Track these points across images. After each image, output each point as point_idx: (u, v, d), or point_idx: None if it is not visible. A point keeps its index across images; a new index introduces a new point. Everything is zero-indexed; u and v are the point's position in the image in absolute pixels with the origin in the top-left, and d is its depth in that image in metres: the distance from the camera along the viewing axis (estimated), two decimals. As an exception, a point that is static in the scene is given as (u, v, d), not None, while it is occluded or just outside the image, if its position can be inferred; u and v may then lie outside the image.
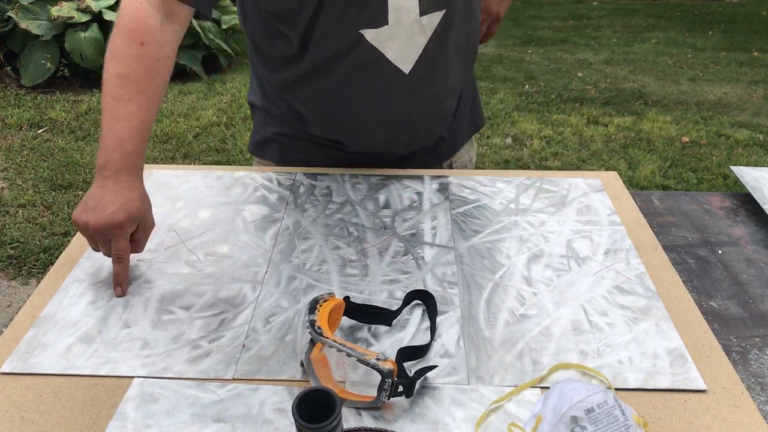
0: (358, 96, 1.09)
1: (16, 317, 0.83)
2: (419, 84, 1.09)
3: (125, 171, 0.87)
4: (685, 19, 6.50)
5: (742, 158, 3.43)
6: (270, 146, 1.24)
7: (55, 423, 0.68)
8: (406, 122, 1.14)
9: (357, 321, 0.81)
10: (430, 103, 1.14)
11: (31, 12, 4.10)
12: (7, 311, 2.29)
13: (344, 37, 1.01)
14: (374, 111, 1.11)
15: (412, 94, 1.10)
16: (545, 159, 3.43)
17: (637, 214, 1.05)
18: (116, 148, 0.87)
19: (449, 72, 1.13)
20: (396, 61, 1.04)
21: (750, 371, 0.79)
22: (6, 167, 3.21)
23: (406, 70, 1.05)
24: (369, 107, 1.10)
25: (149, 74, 0.90)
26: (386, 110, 1.11)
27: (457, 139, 1.28)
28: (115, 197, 0.86)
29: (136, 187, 0.89)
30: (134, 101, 0.89)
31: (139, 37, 0.90)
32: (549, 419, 0.64)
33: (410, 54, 1.04)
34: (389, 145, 1.18)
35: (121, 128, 0.88)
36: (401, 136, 1.17)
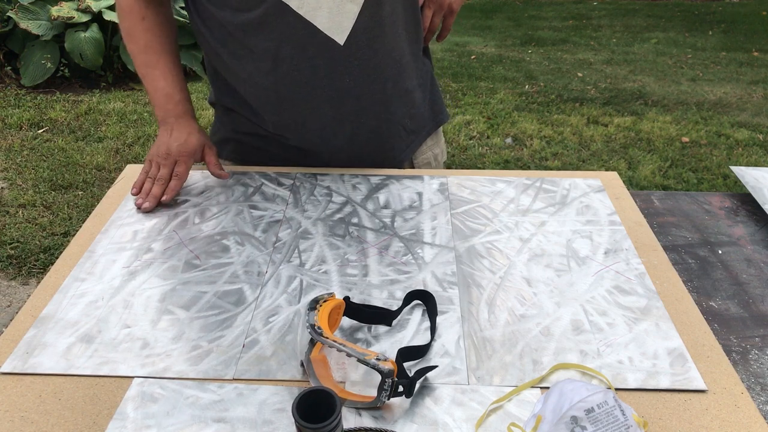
0: (296, 72, 1.06)
1: (16, 317, 0.83)
2: (358, 56, 1.06)
3: (182, 116, 1.12)
4: (685, 19, 6.50)
5: (742, 158, 3.44)
6: (227, 146, 1.25)
7: (55, 423, 0.68)
8: (351, 98, 1.10)
9: (357, 321, 0.81)
10: (375, 78, 1.10)
11: (31, 12, 4.10)
12: (7, 311, 2.29)
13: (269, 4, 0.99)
14: (315, 87, 1.08)
15: (351, 67, 1.07)
16: (545, 159, 3.43)
17: (637, 214, 1.05)
18: (167, 101, 1.11)
19: (392, 45, 1.09)
20: (328, 31, 1.02)
21: (750, 371, 0.79)
22: (6, 167, 3.21)
23: (341, 41, 1.03)
24: (309, 83, 1.07)
25: (161, 38, 1.12)
26: (327, 85, 1.08)
27: (419, 132, 1.23)
28: (179, 134, 1.10)
29: (193, 126, 1.13)
30: (161, 62, 1.11)
31: (139, 14, 1.10)
32: (549, 419, 0.64)
33: (342, 23, 1.02)
34: (338, 123, 1.13)
35: (163, 85, 1.11)
36: (348, 113, 1.12)
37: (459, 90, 4.43)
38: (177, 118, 1.11)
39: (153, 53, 1.11)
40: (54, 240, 2.64)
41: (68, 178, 3.11)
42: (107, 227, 1.01)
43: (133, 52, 1.12)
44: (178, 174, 1.09)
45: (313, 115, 1.12)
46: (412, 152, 1.24)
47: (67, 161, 3.27)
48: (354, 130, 1.15)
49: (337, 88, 1.08)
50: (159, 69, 1.11)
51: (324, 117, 1.12)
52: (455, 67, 4.96)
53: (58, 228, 2.72)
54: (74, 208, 2.88)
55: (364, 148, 1.18)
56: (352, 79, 1.08)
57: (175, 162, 1.09)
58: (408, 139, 1.22)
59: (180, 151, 1.09)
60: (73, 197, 2.97)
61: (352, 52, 1.05)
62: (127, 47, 1.13)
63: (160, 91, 1.11)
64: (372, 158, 1.19)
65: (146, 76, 1.12)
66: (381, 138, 1.18)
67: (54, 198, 2.95)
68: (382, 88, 1.12)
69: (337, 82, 1.07)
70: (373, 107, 1.13)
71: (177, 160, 1.09)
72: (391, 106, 1.15)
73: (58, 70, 4.19)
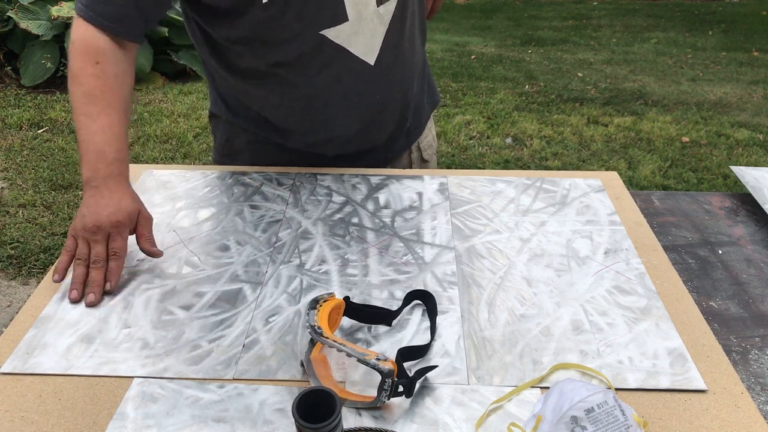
0: (329, 98, 1.10)
1: (16, 317, 0.83)
2: (386, 72, 1.10)
3: (112, 177, 0.92)
4: (685, 19, 6.50)
5: (742, 158, 3.43)
6: (240, 156, 1.24)
7: (55, 423, 0.68)
8: (378, 110, 1.15)
9: (357, 321, 0.81)
10: (398, 89, 1.16)
11: (31, 12, 4.10)
12: (7, 311, 2.29)
13: (306, 40, 1.01)
14: (346, 108, 1.12)
15: (380, 84, 1.11)
16: (545, 159, 3.43)
17: (637, 214, 1.05)
18: (98, 159, 0.92)
19: (410, 55, 1.15)
20: (362, 54, 1.05)
21: (750, 371, 0.79)
22: (6, 167, 3.21)
23: (371, 62, 1.07)
24: (341, 105, 1.11)
25: (111, 89, 0.96)
26: (358, 101, 1.12)
27: (421, 119, 1.30)
28: (110, 200, 0.91)
29: (126, 189, 0.93)
30: (103, 115, 0.94)
31: (94, 57, 0.95)
32: (549, 419, 0.64)
33: (373, 45, 1.06)
34: (363, 133, 1.18)
35: (99, 141, 0.93)
36: (374, 124, 1.17)
37: (459, 90, 4.43)
38: (105, 179, 0.92)
39: (97, 104, 0.94)
40: (54, 240, 2.64)
41: (68, 178, 3.11)
42: (107, 227, 1.01)
43: (74, 95, 0.95)
44: (116, 252, 0.89)
45: (340, 129, 1.16)
46: (417, 137, 1.30)
47: (67, 161, 3.27)
48: (376, 135, 1.20)
49: (367, 103, 1.13)
50: (98, 123, 0.93)
51: (350, 130, 1.16)
52: (455, 67, 4.96)
53: (58, 228, 2.72)
54: (74, 208, 2.87)
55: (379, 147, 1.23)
56: (381, 93, 1.13)
57: (108, 236, 0.89)
58: (414, 131, 1.29)
59: (112, 222, 0.89)
60: (73, 197, 2.96)
61: (382, 70, 1.09)
62: (69, 88, 0.96)
63: (93, 146, 0.93)
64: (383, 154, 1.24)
65: (81, 127, 0.94)
66: (394, 136, 1.24)
67: (54, 198, 2.95)
68: (404, 97, 1.19)
69: (368, 98, 1.12)
70: (394, 114, 1.19)
71: (110, 233, 0.89)
72: (407, 108, 1.22)
73: (58, 70, 4.19)
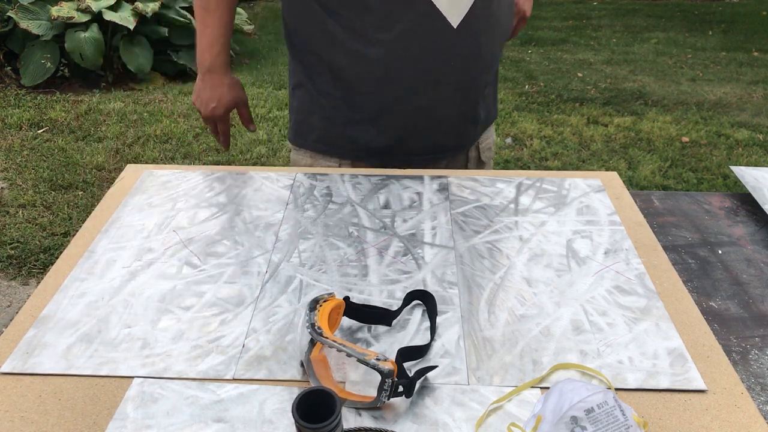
0: (405, 48, 1.09)
1: (16, 317, 0.83)
2: (466, 43, 1.10)
3: (216, 69, 1.21)
4: (685, 19, 6.50)
5: (742, 158, 3.43)
6: (311, 136, 1.25)
7: (55, 423, 0.68)
8: (450, 84, 1.14)
9: (357, 321, 0.81)
10: (470, 65, 1.15)
11: (31, 12, 4.10)
12: (7, 311, 2.29)
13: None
14: (419, 67, 1.11)
15: (457, 53, 1.11)
16: (545, 159, 3.43)
17: (637, 214, 1.05)
18: (207, 49, 1.20)
19: (491, 37, 1.14)
20: (445, 11, 1.06)
21: (750, 371, 0.79)
22: (6, 167, 3.21)
23: (455, 24, 1.07)
24: (415, 61, 1.10)
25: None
26: (431, 66, 1.11)
27: (490, 111, 1.30)
28: (212, 93, 1.22)
29: (225, 80, 1.23)
30: (218, 10, 1.18)
31: None
32: (549, 419, 0.64)
33: (460, 7, 1.06)
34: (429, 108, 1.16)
35: (210, 33, 1.19)
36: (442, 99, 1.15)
37: (459, 90, 4.43)
38: (209, 70, 1.21)
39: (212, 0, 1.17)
40: (54, 240, 2.64)
41: (68, 178, 3.11)
42: (107, 227, 1.01)
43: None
44: (222, 131, 1.27)
45: (409, 96, 1.14)
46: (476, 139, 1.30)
47: (67, 161, 3.27)
48: (442, 113, 1.18)
49: (439, 70, 1.12)
50: (213, 16, 1.18)
51: (420, 100, 1.15)
52: (455, 67, 4.95)
53: (58, 228, 2.72)
54: (74, 208, 2.88)
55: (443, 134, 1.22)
56: (456, 64, 1.12)
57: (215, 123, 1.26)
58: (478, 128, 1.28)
59: (215, 115, 1.24)
60: (73, 197, 2.96)
61: (461, 39, 1.09)
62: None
63: (206, 38, 1.19)
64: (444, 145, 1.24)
65: (200, 19, 1.19)
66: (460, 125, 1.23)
67: (54, 198, 2.95)
68: (478, 78, 1.18)
69: (441, 64, 1.11)
70: (465, 94, 1.18)
71: (216, 122, 1.25)
72: (479, 95, 1.21)
73: (58, 70, 4.19)
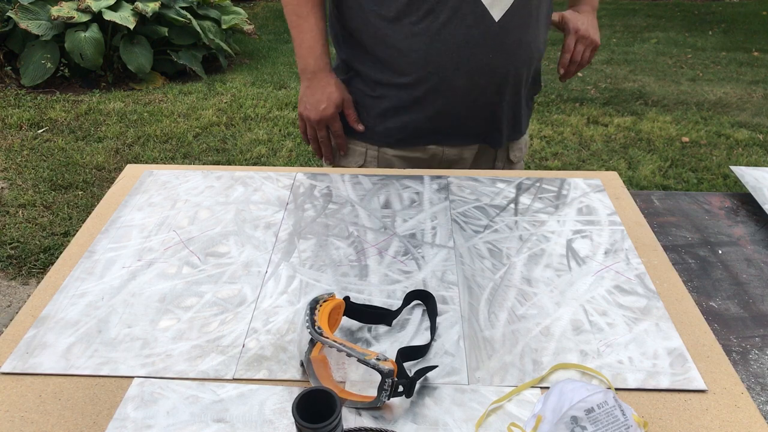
0: (447, 35, 1.11)
1: (16, 317, 0.83)
2: (507, 38, 1.12)
3: (320, 70, 1.21)
4: (685, 19, 6.50)
5: (742, 158, 3.44)
6: None
7: (55, 423, 0.68)
8: (487, 73, 1.15)
9: (357, 321, 0.81)
10: (513, 63, 1.16)
11: (31, 12, 4.10)
12: (7, 311, 2.29)
13: None
14: (459, 55, 1.13)
15: (497, 46, 1.12)
16: (545, 159, 3.43)
17: (637, 214, 1.05)
18: (309, 53, 1.20)
19: (535, 34, 1.16)
20: (488, 3, 1.08)
21: (750, 371, 0.79)
22: (6, 167, 3.21)
23: (496, 17, 1.09)
24: (456, 49, 1.12)
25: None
26: (471, 56, 1.13)
27: (522, 124, 1.31)
28: (321, 95, 1.21)
29: (331, 81, 1.22)
30: (312, 15, 1.19)
31: None
32: (549, 419, 0.64)
33: (503, 1, 1.08)
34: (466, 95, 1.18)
35: (309, 38, 1.20)
36: (479, 89, 1.17)
37: (459, 90, 4.43)
38: (315, 72, 1.21)
39: (306, 5, 1.18)
40: (54, 240, 2.64)
41: (68, 178, 3.11)
42: (107, 227, 1.01)
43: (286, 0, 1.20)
44: (336, 132, 1.25)
45: (446, 82, 1.16)
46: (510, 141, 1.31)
47: (67, 161, 3.27)
48: (477, 104, 1.20)
49: (479, 61, 1.13)
50: (308, 22, 1.18)
51: (456, 88, 1.16)
52: (455, 67, 4.95)
53: (58, 228, 2.72)
54: (74, 208, 2.88)
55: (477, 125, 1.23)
56: (495, 58, 1.13)
57: (326, 126, 1.24)
58: (511, 128, 1.29)
59: (327, 115, 1.22)
60: (73, 197, 2.96)
61: (502, 32, 1.11)
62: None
63: (304, 42, 1.20)
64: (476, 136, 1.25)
65: (295, 26, 1.20)
66: (494, 121, 1.24)
67: (54, 198, 2.95)
68: (516, 75, 1.19)
69: (481, 55, 1.13)
70: (502, 90, 1.19)
71: (327, 124, 1.24)
72: (516, 93, 1.23)
73: (58, 70, 4.19)
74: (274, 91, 4.31)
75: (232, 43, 4.95)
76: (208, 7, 4.76)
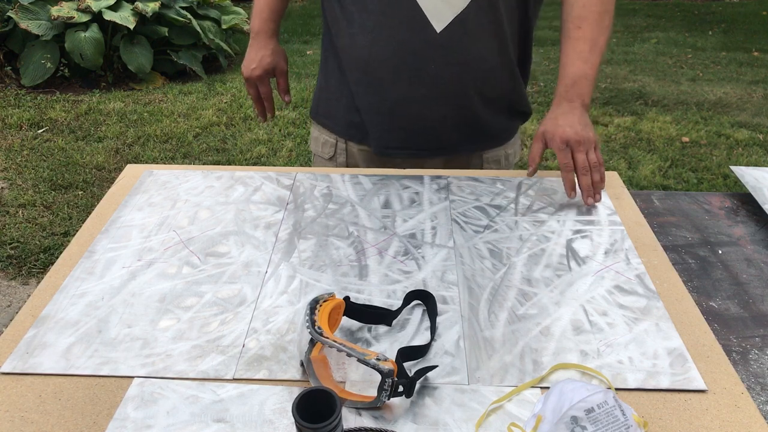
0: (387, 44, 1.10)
1: (16, 317, 0.83)
2: (450, 50, 1.09)
3: (262, 33, 1.28)
4: (685, 19, 6.50)
5: (742, 158, 3.43)
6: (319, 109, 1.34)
7: (55, 423, 0.68)
8: (432, 83, 1.13)
9: (357, 321, 0.81)
10: (458, 76, 1.13)
11: (31, 12, 4.10)
12: (7, 311, 2.29)
13: None
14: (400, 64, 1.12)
15: (439, 58, 1.10)
16: (545, 159, 3.43)
17: (637, 214, 1.05)
18: (257, 15, 1.28)
19: (485, 52, 1.12)
20: (429, 13, 1.06)
21: (750, 371, 0.79)
22: (6, 167, 3.21)
23: (438, 29, 1.07)
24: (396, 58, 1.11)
25: None
26: (413, 66, 1.11)
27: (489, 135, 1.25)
28: (255, 55, 1.28)
29: (269, 45, 1.29)
30: None
31: None
32: (549, 419, 0.64)
33: (445, 13, 1.06)
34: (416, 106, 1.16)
35: (261, 2, 1.28)
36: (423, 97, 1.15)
37: (459, 90, 4.43)
38: (257, 33, 1.28)
39: None
40: (54, 240, 2.64)
41: (68, 178, 3.11)
42: (107, 227, 1.01)
43: None
44: (264, 94, 1.31)
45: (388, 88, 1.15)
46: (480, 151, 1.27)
47: (67, 161, 3.27)
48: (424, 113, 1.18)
49: (419, 69, 1.12)
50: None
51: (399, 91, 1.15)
52: (455, 67, 4.95)
53: (58, 228, 2.72)
54: (74, 208, 2.88)
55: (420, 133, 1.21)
56: (437, 68, 1.12)
57: (256, 82, 1.29)
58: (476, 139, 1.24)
59: (254, 75, 1.28)
60: (73, 197, 2.96)
61: (445, 44, 1.09)
62: None
63: (257, 5, 1.28)
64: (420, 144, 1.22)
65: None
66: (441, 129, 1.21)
67: (54, 198, 2.95)
68: (463, 88, 1.15)
69: (423, 65, 1.12)
70: (446, 100, 1.17)
71: (256, 83, 1.29)
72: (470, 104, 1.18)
73: (58, 70, 4.19)
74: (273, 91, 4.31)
75: (232, 43, 4.95)
76: (208, 7, 4.76)
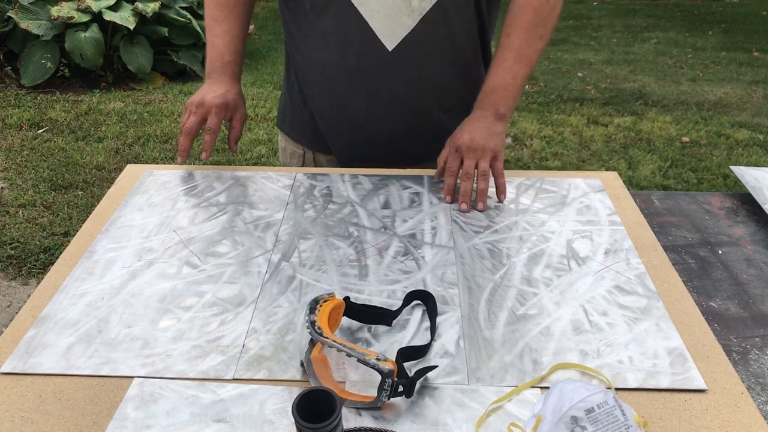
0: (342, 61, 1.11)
1: (16, 317, 0.83)
2: (403, 67, 1.10)
3: (226, 75, 1.17)
4: (685, 19, 6.50)
5: (742, 158, 3.44)
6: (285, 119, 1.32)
7: (55, 423, 0.68)
8: (389, 99, 1.14)
9: (357, 321, 0.81)
10: (413, 91, 1.14)
11: (31, 12, 4.10)
12: (7, 311, 2.29)
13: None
14: (355, 80, 1.13)
15: (393, 75, 1.11)
16: (545, 159, 3.43)
17: (637, 214, 1.05)
18: (217, 59, 1.17)
19: (440, 69, 1.13)
20: (380, 33, 1.06)
21: (750, 371, 0.79)
22: (6, 167, 3.21)
23: (390, 47, 1.08)
24: (351, 75, 1.12)
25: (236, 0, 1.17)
26: (368, 82, 1.12)
27: None
28: (217, 89, 1.15)
29: (233, 86, 1.17)
30: (228, 21, 1.17)
31: None
32: (549, 419, 0.64)
33: (395, 31, 1.07)
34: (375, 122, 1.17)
35: (220, 43, 1.17)
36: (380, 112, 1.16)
37: (459, 90, 4.43)
38: (220, 74, 1.16)
39: (224, 9, 1.16)
40: (54, 240, 2.64)
41: (68, 178, 3.11)
42: (107, 227, 1.01)
43: (208, 2, 1.18)
44: (210, 128, 1.13)
45: (347, 104, 1.16)
46: None
47: (67, 161, 3.27)
48: (383, 128, 1.18)
49: (375, 86, 1.13)
50: (223, 26, 1.16)
51: (357, 108, 1.16)
52: (455, 67, 4.95)
53: (58, 228, 2.72)
54: (74, 208, 2.88)
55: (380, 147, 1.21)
56: (392, 85, 1.12)
57: (207, 113, 1.12)
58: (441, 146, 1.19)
59: (213, 102, 1.13)
60: (73, 197, 2.96)
61: (398, 62, 1.09)
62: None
63: (215, 47, 1.17)
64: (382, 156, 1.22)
65: (209, 28, 1.18)
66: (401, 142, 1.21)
67: (54, 198, 2.95)
68: (420, 102, 1.16)
69: (377, 82, 1.12)
70: (405, 114, 1.17)
71: (209, 111, 1.12)
72: (427, 117, 1.18)
73: (58, 70, 4.19)
74: (274, 91, 4.31)
75: (232, 43, 4.95)
76: (208, 7, 4.76)
